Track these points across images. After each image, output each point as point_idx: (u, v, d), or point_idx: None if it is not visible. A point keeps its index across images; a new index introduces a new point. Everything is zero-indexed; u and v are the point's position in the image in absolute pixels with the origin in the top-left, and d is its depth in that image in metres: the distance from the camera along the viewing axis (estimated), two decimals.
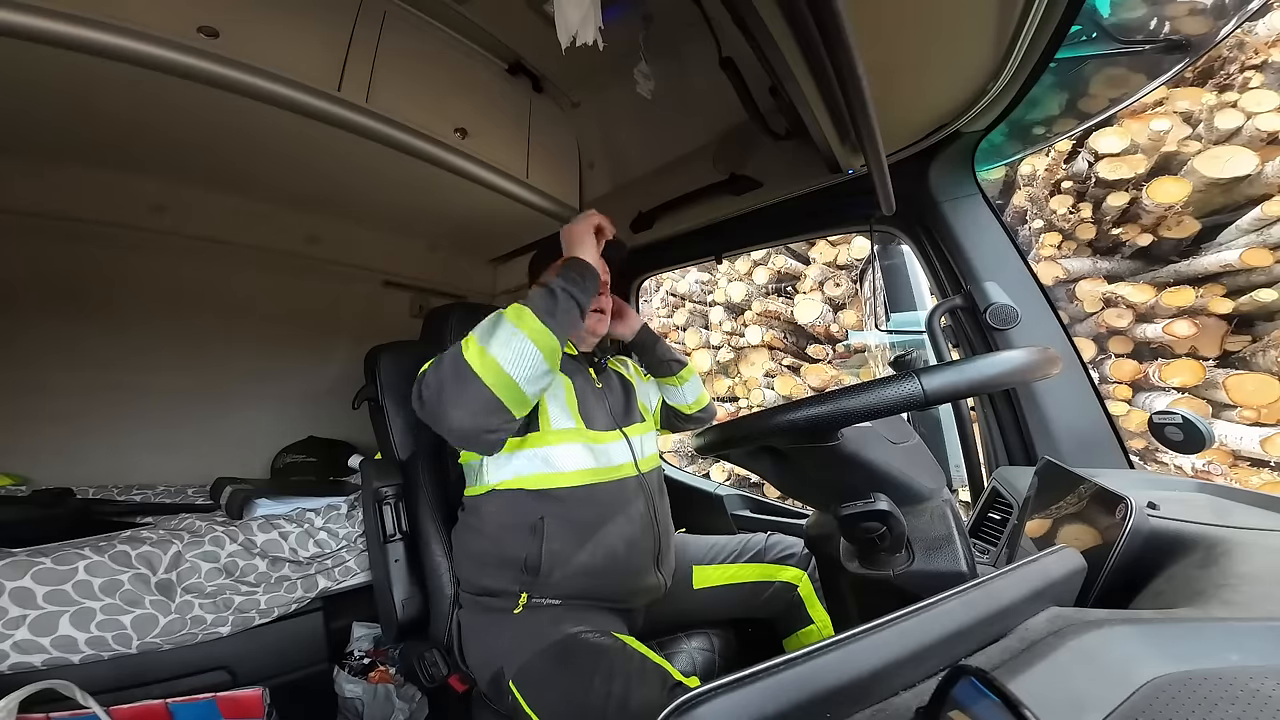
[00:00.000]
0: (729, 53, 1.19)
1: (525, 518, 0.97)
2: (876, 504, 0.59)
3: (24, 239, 1.49)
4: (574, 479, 1.00)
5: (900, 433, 0.77)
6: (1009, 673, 0.33)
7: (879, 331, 1.54)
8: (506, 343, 0.81)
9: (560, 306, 0.86)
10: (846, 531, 0.61)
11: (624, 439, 1.11)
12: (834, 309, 3.47)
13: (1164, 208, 2.53)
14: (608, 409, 1.14)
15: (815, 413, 0.60)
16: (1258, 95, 2.41)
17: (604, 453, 1.05)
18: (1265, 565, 0.49)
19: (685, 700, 0.28)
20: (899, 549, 0.63)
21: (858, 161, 1.13)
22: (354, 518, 1.44)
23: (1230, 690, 0.32)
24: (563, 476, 0.99)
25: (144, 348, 1.74)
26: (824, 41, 0.62)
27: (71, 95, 1.09)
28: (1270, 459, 2.21)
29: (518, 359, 0.81)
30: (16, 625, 0.96)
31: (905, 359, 1.10)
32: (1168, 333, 2.44)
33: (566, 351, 1.16)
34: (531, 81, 1.63)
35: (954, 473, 1.45)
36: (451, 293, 2.32)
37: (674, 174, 1.59)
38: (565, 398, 1.06)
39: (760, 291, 3.75)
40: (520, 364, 0.81)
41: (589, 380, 1.15)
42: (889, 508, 0.59)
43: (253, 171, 1.47)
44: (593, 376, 1.17)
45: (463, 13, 1.38)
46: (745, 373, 3.82)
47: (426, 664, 1.05)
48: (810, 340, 3.68)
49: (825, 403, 0.59)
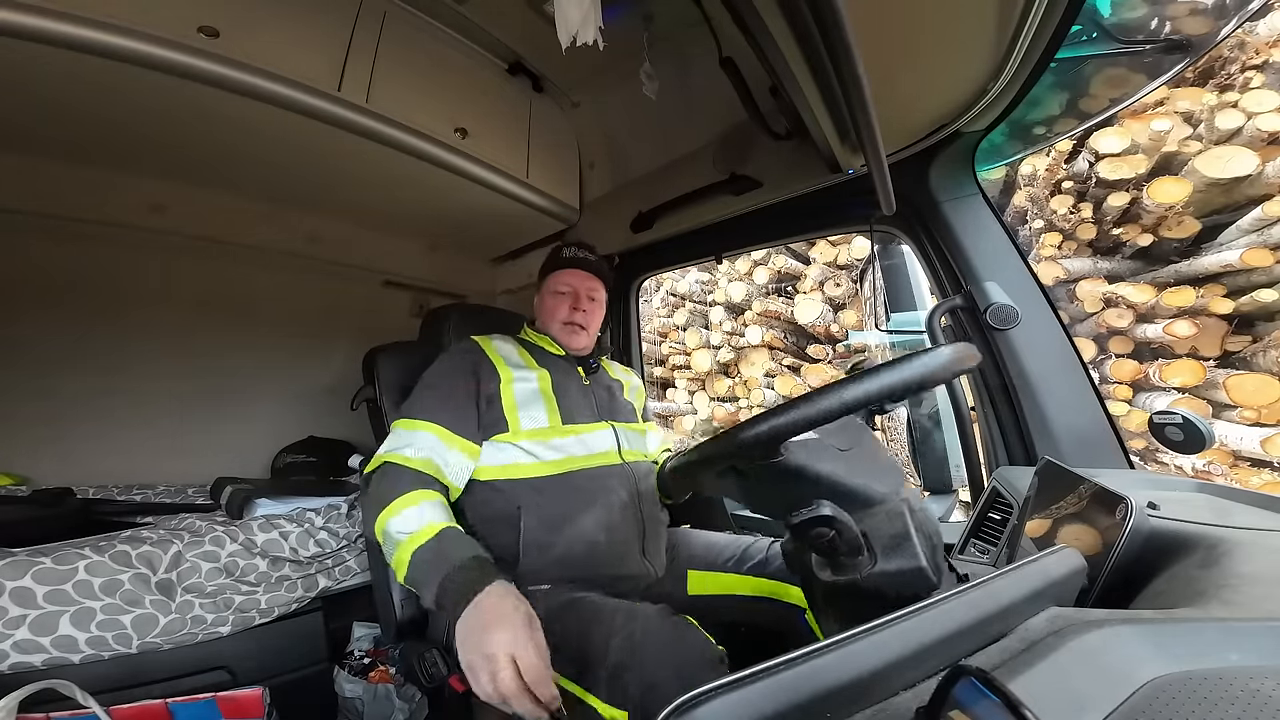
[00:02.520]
0: (729, 52, 1.19)
1: (503, 509, 0.99)
2: (819, 510, 0.60)
3: (24, 239, 1.49)
4: (550, 468, 1.02)
5: (852, 439, 0.78)
6: (1009, 673, 0.33)
7: (879, 331, 1.54)
8: (388, 553, 0.87)
9: (417, 591, 0.82)
10: (800, 541, 0.63)
11: (611, 429, 1.12)
12: (834, 309, 3.47)
13: (1164, 208, 2.53)
14: (593, 404, 1.15)
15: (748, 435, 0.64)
16: (1258, 95, 2.40)
17: (583, 442, 1.07)
18: (1266, 565, 0.49)
19: (685, 700, 0.28)
20: (859, 552, 0.64)
21: (858, 161, 1.13)
22: (354, 517, 1.45)
23: (1230, 690, 0.32)
24: (540, 465, 1.01)
25: (144, 348, 1.74)
26: (824, 41, 0.62)
27: (71, 95, 1.09)
28: (1271, 459, 2.21)
29: (388, 554, 0.87)
30: (17, 625, 0.97)
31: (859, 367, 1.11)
32: (1168, 333, 2.44)
33: (552, 351, 1.19)
34: (532, 81, 1.63)
35: (954, 472, 1.45)
36: (451, 293, 2.32)
37: (674, 174, 1.58)
38: (542, 398, 1.07)
39: (760, 291, 3.75)
40: (388, 554, 0.87)
41: (575, 377, 1.16)
42: (832, 512, 0.61)
43: (253, 171, 1.47)
44: (581, 374, 1.18)
45: (463, 13, 1.38)
46: (745, 373, 3.82)
47: (426, 664, 1.04)
48: (810, 340, 3.68)
49: (758, 424, 0.62)
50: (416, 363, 1.29)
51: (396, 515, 0.86)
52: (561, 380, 1.12)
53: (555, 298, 1.21)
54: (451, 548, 0.82)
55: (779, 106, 1.22)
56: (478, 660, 0.68)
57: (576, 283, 1.21)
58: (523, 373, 1.10)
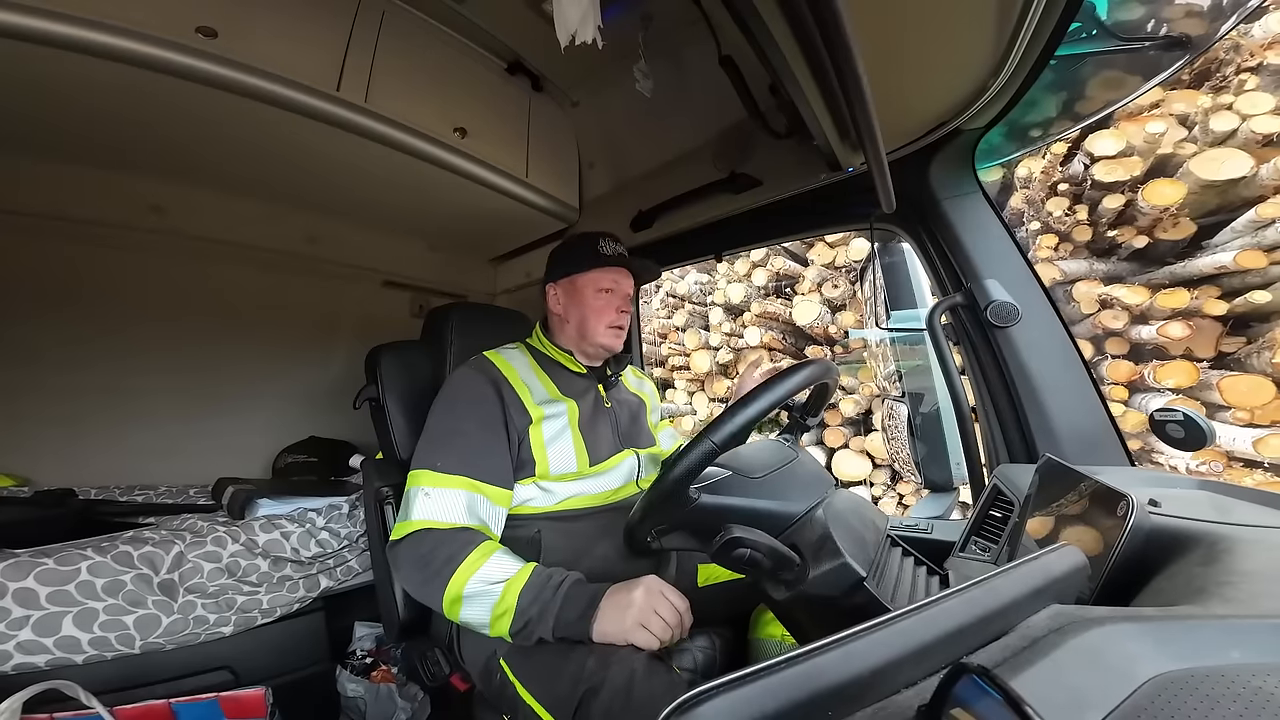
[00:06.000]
0: (728, 51, 1.19)
1: (523, 531, 0.99)
2: (728, 534, 0.63)
3: (24, 239, 1.49)
4: (570, 504, 1.01)
5: (765, 464, 0.82)
6: (1011, 670, 0.33)
7: (880, 329, 1.54)
8: (470, 614, 0.83)
9: (528, 634, 0.80)
10: (728, 565, 0.66)
11: (634, 456, 1.10)
12: (832, 310, 3.48)
13: (1159, 210, 2.53)
14: (613, 430, 1.12)
15: (654, 496, 0.73)
16: (1253, 97, 2.40)
17: (604, 481, 1.05)
18: (1267, 562, 0.49)
19: (686, 699, 0.28)
20: (788, 565, 0.67)
21: (858, 159, 1.13)
22: (355, 517, 1.45)
23: (1232, 688, 0.32)
24: (560, 504, 1.01)
25: (145, 348, 1.74)
26: (824, 39, 0.62)
27: (70, 95, 1.09)
28: (1263, 459, 2.21)
29: (471, 618, 0.84)
30: (20, 626, 0.97)
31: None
32: (1162, 334, 2.44)
33: (574, 369, 1.14)
34: (531, 81, 1.63)
35: (955, 470, 1.45)
36: (451, 293, 2.32)
37: (674, 173, 1.58)
38: (571, 435, 1.03)
39: (759, 293, 3.75)
40: (469, 615, 0.84)
41: (598, 400, 1.13)
42: (740, 532, 0.63)
43: (252, 172, 1.47)
44: (602, 394, 1.15)
45: (462, 12, 1.38)
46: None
47: (428, 663, 1.05)
48: (809, 341, 3.68)
49: (658, 485, 0.72)
50: (418, 362, 1.30)
51: (476, 571, 0.82)
52: (587, 411, 1.08)
53: (602, 297, 1.10)
54: (551, 576, 0.83)
55: (778, 105, 1.22)
56: (634, 630, 0.76)
57: (622, 282, 1.13)
58: (550, 407, 1.04)
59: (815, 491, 0.78)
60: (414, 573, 0.87)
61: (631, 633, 0.76)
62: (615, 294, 1.12)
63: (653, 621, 0.76)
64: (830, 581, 0.65)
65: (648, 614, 0.77)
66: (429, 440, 0.97)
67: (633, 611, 0.77)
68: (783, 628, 0.93)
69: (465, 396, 1.00)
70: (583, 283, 1.11)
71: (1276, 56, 2.42)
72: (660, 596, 0.79)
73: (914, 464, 1.53)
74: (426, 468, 0.92)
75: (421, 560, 0.85)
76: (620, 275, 1.13)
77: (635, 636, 0.76)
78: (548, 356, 1.15)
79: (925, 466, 1.48)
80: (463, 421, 0.97)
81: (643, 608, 0.77)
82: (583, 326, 1.11)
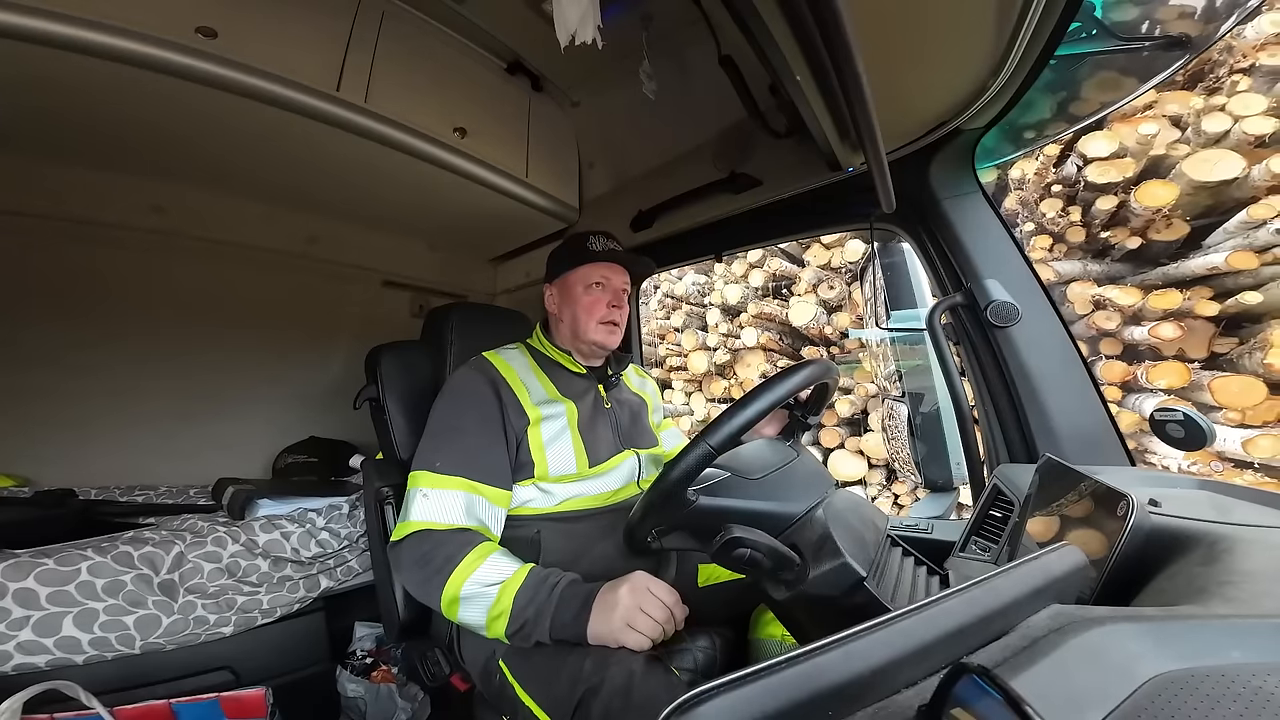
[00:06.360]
0: (728, 51, 1.19)
1: (523, 532, 0.99)
2: (728, 534, 0.63)
3: (24, 240, 1.49)
4: (570, 505, 1.01)
5: (765, 464, 0.81)
6: (1011, 670, 0.33)
7: (880, 329, 1.54)
8: (467, 616, 0.84)
9: (525, 635, 0.81)
10: (728, 566, 0.66)
11: (634, 456, 1.10)
12: (828, 311, 3.48)
13: (1152, 211, 2.53)
14: (614, 430, 1.11)
15: (654, 496, 0.73)
16: (1245, 99, 2.41)
17: (605, 481, 1.04)
18: (1267, 562, 0.49)
19: (686, 699, 0.28)
20: (788, 564, 0.67)
21: (857, 159, 1.13)
22: (355, 517, 1.45)
23: (1233, 688, 0.32)
24: (560, 505, 1.00)
25: (145, 348, 1.74)
26: (824, 39, 0.62)
27: (70, 96, 1.09)
28: (1253, 460, 2.21)
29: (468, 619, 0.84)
30: (20, 626, 0.97)
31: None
32: (1153, 335, 2.44)
33: (573, 369, 1.13)
34: (531, 81, 1.63)
35: (955, 470, 1.46)
36: (451, 292, 2.32)
37: (674, 173, 1.58)
38: (570, 436, 1.03)
39: (756, 294, 3.76)
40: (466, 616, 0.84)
41: (597, 400, 1.12)
42: (740, 532, 0.63)
43: (252, 172, 1.47)
44: (602, 395, 1.14)
45: (461, 12, 1.38)
46: (741, 374, 3.83)
47: (428, 663, 1.05)
48: (805, 342, 3.69)
49: (658, 484, 0.72)
50: (418, 362, 1.30)
51: (473, 572, 0.83)
52: (586, 412, 1.07)
53: (592, 292, 1.09)
54: (547, 578, 0.83)
55: (778, 104, 1.22)
56: (622, 631, 0.75)
57: (612, 276, 1.11)
58: (549, 408, 1.03)
59: (815, 491, 0.78)
60: (414, 573, 0.87)
61: (620, 635, 0.75)
62: (606, 289, 1.10)
63: (639, 621, 0.75)
64: (830, 581, 0.65)
65: (634, 614, 0.76)
66: (428, 441, 0.97)
67: (619, 612, 0.76)
68: (783, 628, 0.93)
69: (464, 397, 1.01)
70: (573, 279, 1.11)
71: (1269, 58, 2.42)
72: (646, 594, 0.78)
73: (914, 464, 1.53)
74: (425, 469, 0.93)
75: (422, 560, 0.86)
76: (611, 270, 1.11)
77: (625, 639, 0.75)
78: (547, 357, 1.14)
79: (925, 466, 1.48)
80: (461, 422, 0.98)
81: (628, 608, 0.76)
82: (575, 323, 1.10)
